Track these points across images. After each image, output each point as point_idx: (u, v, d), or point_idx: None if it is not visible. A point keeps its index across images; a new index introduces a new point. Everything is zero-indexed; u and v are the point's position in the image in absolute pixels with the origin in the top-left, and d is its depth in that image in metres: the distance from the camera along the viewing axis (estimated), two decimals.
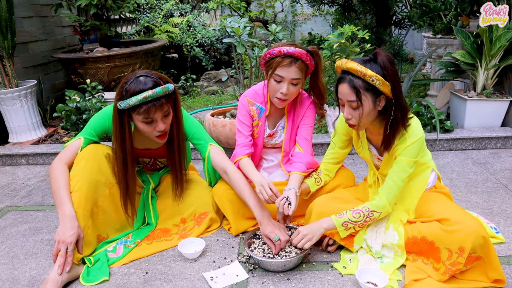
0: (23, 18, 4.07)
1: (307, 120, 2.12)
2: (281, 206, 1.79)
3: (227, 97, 4.84)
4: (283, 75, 1.90)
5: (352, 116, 1.68)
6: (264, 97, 2.12)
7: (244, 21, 2.83)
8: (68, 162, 1.92)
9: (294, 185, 1.91)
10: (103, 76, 4.11)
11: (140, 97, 1.73)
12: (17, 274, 1.85)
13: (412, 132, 1.70)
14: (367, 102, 1.64)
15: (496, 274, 1.60)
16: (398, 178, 1.72)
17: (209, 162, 2.08)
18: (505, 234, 1.98)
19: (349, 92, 1.64)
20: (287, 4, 8.59)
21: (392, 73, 1.60)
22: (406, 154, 1.70)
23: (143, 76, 1.79)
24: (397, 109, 1.64)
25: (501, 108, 3.22)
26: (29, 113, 3.60)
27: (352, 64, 1.61)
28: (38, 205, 2.56)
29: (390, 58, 1.62)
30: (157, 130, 1.84)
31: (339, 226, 1.74)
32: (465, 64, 3.23)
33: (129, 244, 1.99)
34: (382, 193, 1.74)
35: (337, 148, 2.01)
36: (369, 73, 1.59)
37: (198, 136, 2.08)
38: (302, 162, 2.01)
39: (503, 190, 2.44)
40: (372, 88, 1.62)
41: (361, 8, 4.39)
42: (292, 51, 1.87)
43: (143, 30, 6.28)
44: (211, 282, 1.72)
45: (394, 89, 1.62)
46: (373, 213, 1.73)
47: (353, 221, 1.73)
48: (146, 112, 1.76)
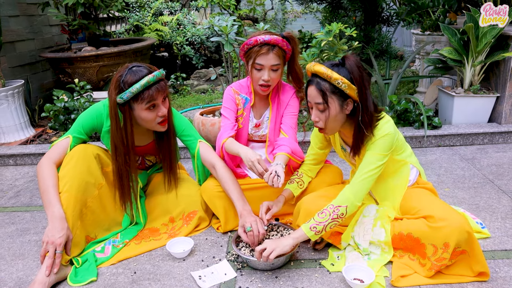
0: (10, 17, 4.03)
1: (291, 108, 2.17)
2: (270, 180, 1.79)
3: (217, 96, 4.83)
4: (263, 63, 1.97)
5: (320, 118, 1.71)
6: (248, 88, 2.18)
7: (231, 19, 2.83)
8: (57, 161, 1.91)
9: (280, 161, 1.90)
10: (92, 76, 4.08)
11: (143, 82, 1.77)
12: (4, 276, 1.84)
13: (378, 130, 1.71)
14: (333, 105, 1.66)
15: (480, 266, 1.63)
16: (365, 170, 1.71)
17: (199, 159, 2.10)
18: (491, 229, 2.00)
19: (316, 95, 1.67)
20: (277, 2, 8.58)
21: (359, 77, 1.63)
22: (374, 147, 1.71)
23: (136, 67, 1.82)
24: (364, 113, 1.66)
25: (488, 104, 3.25)
26: (17, 113, 3.57)
27: (319, 68, 1.65)
28: (25, 205, 2.54)
29: (359, 62, 1.66)
30: (160, 115, 1.88)
31: (307, 231, 1.69)
32: (452, 61, 3.25)
33: (118, 244, 1.98)
34: (346, 187, 1.74)
35: (317, 149, 2.03)
36: (335, 76, 1.62)
37: (187, 132, 2.11)
38: (287, 145, 2.03)
39: (489, 186, 2.47)
40: (338, 91, 1.65)
41: (349, 6, 4.40)
42: (268, 39, 1.94)
43: (132, 29, 6.25)
44: (200, 281, 1.72)
45: (361, 93, 1.64)
46: (338, 209, 1.69)
47: (320, 221, 1.68)
48: (150, 96, 1.80)
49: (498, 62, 3.24)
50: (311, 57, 2.97)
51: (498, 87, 3.26)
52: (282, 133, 2.15)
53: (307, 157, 2.08)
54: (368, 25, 4.23)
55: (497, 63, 3.25)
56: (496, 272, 1.70)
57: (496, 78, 3.29)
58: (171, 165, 2.09)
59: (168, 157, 2.08)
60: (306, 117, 3.76)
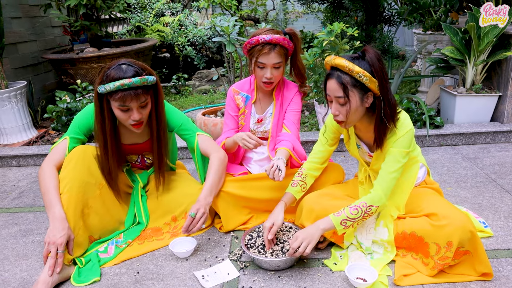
0: (12, 18, 4.05)
1: (294, 105, 2.21)
2: (271, 173, 1.85)
3: (219, 96, 4.84)
4: (265, 61, 2.02)
5: (340, 112, 1.69)
6: (251, 85, 2.23)
7: (233, 20, 2.83)
8: (57, 163, 1.92)
9: (281, 156, 1.94)
10: (94, 77, 4.09)
11: (117, 83, 1.75)
12: (8, 276, 1.84)
13: (401, 125, 1.71)
14: (354, 98, 1.65)
15: (483, 267, 1.62)
16: (392, 168, 1.71)
17: (198, 151, 2.09)
18: (494, 228, 2.00)
19: (336, 88, 1.65)
20: (278, 2, 8.58)
21: (380, 70, 1.62)
22: (398, 145, 1.70)
23: (126, 65, 1.82)
24: (386, 106, 1.65)
25: (490, 103, 3.25)
26: (20, 115, 3.58)
27: (340, 60, 1.63)
28: (29, 206, 2.55)
29: (379, 55, 1.64)
30: (132, 119, 1.86)
31: (337, 225, 1.71)
32: (454, 60, 3.25)
33: (121, 244, 1.99)
34: (377, 185, 1.73)
35: (327, 145, 2.01)
36: (357, 69, 1.60)
37: (185, 127, 2.10)
38: (289, 141, 2.06)
39: (492, 185, 2.46)
40: (359, 84, 1.63)
41: (351, 6, 4.40)
42: (269, 39, 1.98)
43: (134, 29, 6.26)
44: (203, 280, 1.73)
45: (382, 86, 1.63)
46: (371, 208, 1.71)
47: (351, 218, 1.70)
48: (122, 99, 1.78)
49: (500, 61, 3.23)
50: (312, 57, 2.97)
51: (500, 86, 3.25)
52: (284, 128, 2.17)
53: (315, 154, 2.03)
54: (369, 24, 4.23)
55: (499, 62, 3.25)
56: (499, 271, 1.69)
57: (498, 77, 3.28)
58: (160, 165, 2.07)
59: (157, 156, 2.05)
60: (308, 117, 3.76)
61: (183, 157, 3.19)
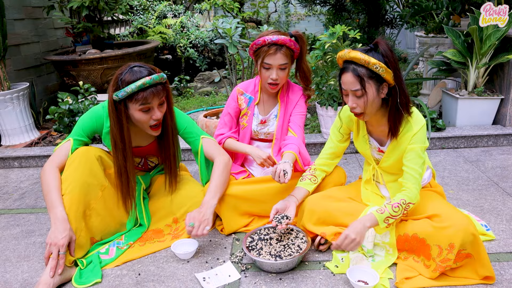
0: (15, 20, 4.06)
1: (300, 108, 2.21)
2: (276, 176, 1.86)
3: (220, 98, 4.84)
4: (271, 62, 2.02)
5: (357, 104, 1.70)
6: (255, 86, 2.23)
7: (235, 22, 2.84)
8: (59, 165, 1.92)
9: (287, 159, 1.95)
10: (96, 78, 4.10)
11: (139, 83, 1.76)
12: (9, 277, 1.85)
13: (415, 119, 1.73)
14: (371, 90, 1.67)
15: (485, 271, 1.62)
16: (417, 165, 1.72)
17: (202, 154, 2.09)
18: (495, 231, 1.99)
19: (353, 81, 1.66)
20: (280, 5, 8.60)
21: (394, 60, 1.65)
22: (416, 141, 1.72)
23: (137, 67, 1.83)
24: (401, 95, 1.68)
25: (492, 106, 3.24)
26: (22, 116, 3.59)
27: (356, 54, 1.65)
28: (30, 207, 2.55)
29: (390, 47, 1.67)
30: (154, 118, 1.86)
31: (381, 222, 1.70)
32: (456, 63, 3.25)
33: (122, 245, 1.98)
34: (409, 184, 1.72)
35: (336, 141, 2.01)
36: (373, 61, 1.62)
37: (189, 130, 2.10)
38: (295, 144, 2.07)
39: (494, 188, 2.46)
40: (375, 75, 1.65)
41: (353, 8, 4.41)
42: (276, 39, 1.99)
43: (136, 31, 6.28)
44: (204, 282, 1.72)
45: (396, 76, 1.66)
46: (409, 205, 1.71)
47: (394, 215, 1.70)
48: (144, 98, 1.79)
49: (502, 64, 3.23)
50: (315, 59, 2.97)
51: (502, 89, 3.25)
52: (290, 131, 2.17)
53: (325, 151, 2.04)
54: (371, 27, 4.23)
55: (501, 65, 3.24)
56: (501, 274, 1.69)
57: (500, 80, 3.28)
58: (172, 166, 2.08)
59: (169, 158, 2.07)
60: (309, 119, 3.76)
61: (184, 159, 3.19)
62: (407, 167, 1.74)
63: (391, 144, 1.80)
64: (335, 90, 2.98)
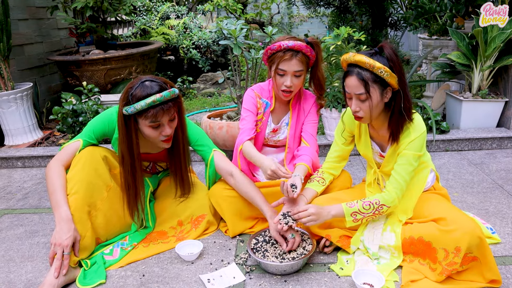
0: (19, 20, 4.06)
1: (312, 117, 2.16)
2: (285, 191, 1.82)
3: (223, 99, 4.84)
4: (286, 68, 1.96)
5: (361, 108, 1.69)
6: (269, 92, 2.16)
7: (240, 23, 2.84)
8: (66, 163, 1.92)
9: (299, 173, 1.92)
10: (100, 79, 4.10)
11: (148, 100, 1.74)
12: (13, 278, 1.84)
13: (415, 127, 1.72)
14: (375, 94, 1.66)
15: (492, 274, 1.61)
16: (405, 171, 1.72)
17: (212, 168, 2.10)
18: (501, 234, 1.99)
19: (357, 85, 1.65)
20: (283, 6, 8.61)
21: (398, 65, 1.64)
22: (411, 148, 1.71)
23: (149, 81, 1.80)
24: (405, 100, 1.67)
25: (496, 109, 3.23)
26: (25, 116, 3.59)
27: (361, 57, 1.64)
28: (34, 208, 2.55)
29: (395, 51, 1.66)
30: (164, 134, 1.85)
31: (347, 215, 1.72)
32: (460, 65, 3.24)
33: (126, 246, 1.98)
34: (390, 187, 1.74)
35: (341, 145, 2.00)
36: (378, 65, 1.61)
37: (201, 142, 2.10)
38: (308, 155, 2.03)
39: (498, 191, 2.45)
40: (379, 80, 1.64)
41: (357, 10, 4.41)
42: (292, 45, 1.92)
43: (139, 32, 6.28)
44: (208, 284, 1.72)
45: (401, 81, 1.66)
46: (383, 207, 1.72)
47: (362, 212, 1.72)
48: (154, 116, 1.77)
49: (506, 67, 3.22)
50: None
51: (507, 92, 3.24)
52: (303, 141, 2.13)
53: (331, 154, 2.04)
54: (375, 29, 4.23)
55: (506, 68, 3.24)
56: (507, 278, 1.68)
57: (505, 83, 3.27)
58: (184, 176, 2.07)
59: (180, 169, 2.06)
60: None
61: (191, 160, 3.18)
62: (394, 171, 1.75)
63: (391, 148, 1.80)
64: (339, 92, 2.98)
